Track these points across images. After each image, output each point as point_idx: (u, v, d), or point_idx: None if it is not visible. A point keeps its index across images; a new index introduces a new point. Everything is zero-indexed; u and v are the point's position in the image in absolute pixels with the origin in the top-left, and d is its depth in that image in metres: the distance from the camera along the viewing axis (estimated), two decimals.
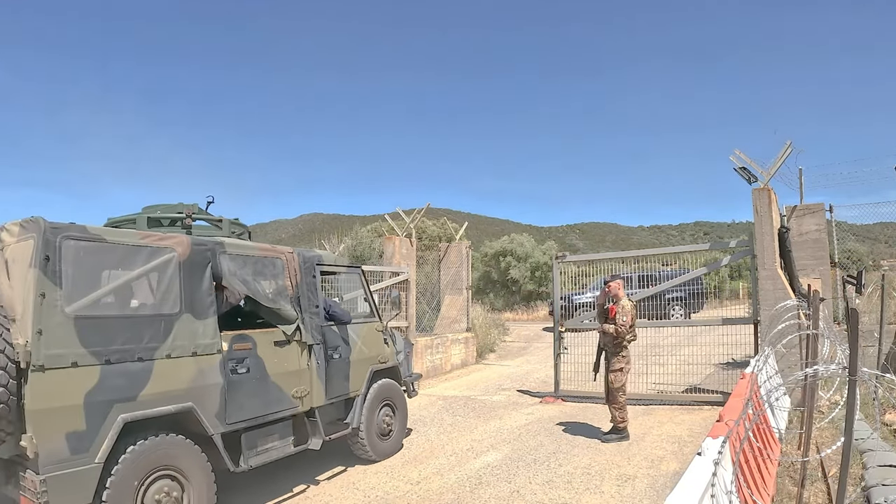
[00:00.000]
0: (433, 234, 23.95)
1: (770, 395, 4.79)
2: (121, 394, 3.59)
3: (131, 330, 3.73)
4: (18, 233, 3.56)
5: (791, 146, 7.93)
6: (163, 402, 3.79)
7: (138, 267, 3.88)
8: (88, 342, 3.47)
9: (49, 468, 3.21)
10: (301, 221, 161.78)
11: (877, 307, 8.08)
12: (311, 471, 5.59)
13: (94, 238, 3.67)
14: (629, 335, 6.07)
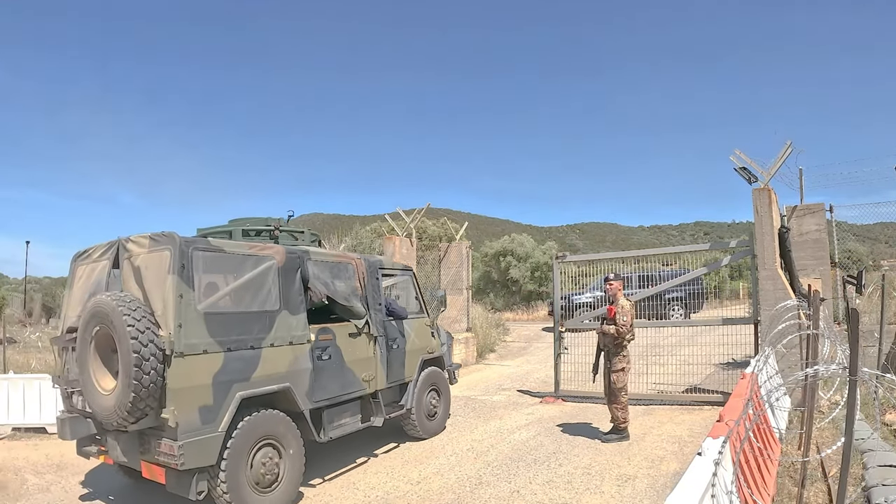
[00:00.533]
0: (433, 234, 23.94)
1: (770, 395, 4.79)
2: (238, 375, 4.31)
3: (245, 324, 4.47)
4: (150, 245, 4.25)
5: (791, 146, 7.93)
6: (268, 383, 4.54)
7: (248, 272, 4.63)
8: (215, 333, 4.20)
9: (185, 436, 3.91)
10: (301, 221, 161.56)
11: (877, 307, 8.07)
12: (311, 470, 5.60)
13: (216, 249, 4.43)
14: (629, 335, 6.08)
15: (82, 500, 5.17)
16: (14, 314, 32.96)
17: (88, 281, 4.82)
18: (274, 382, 4.58)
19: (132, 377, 3.72)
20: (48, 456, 6.39)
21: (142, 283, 4.24)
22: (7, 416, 7.41)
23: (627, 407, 6.19)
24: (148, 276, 4.21)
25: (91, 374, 4.17)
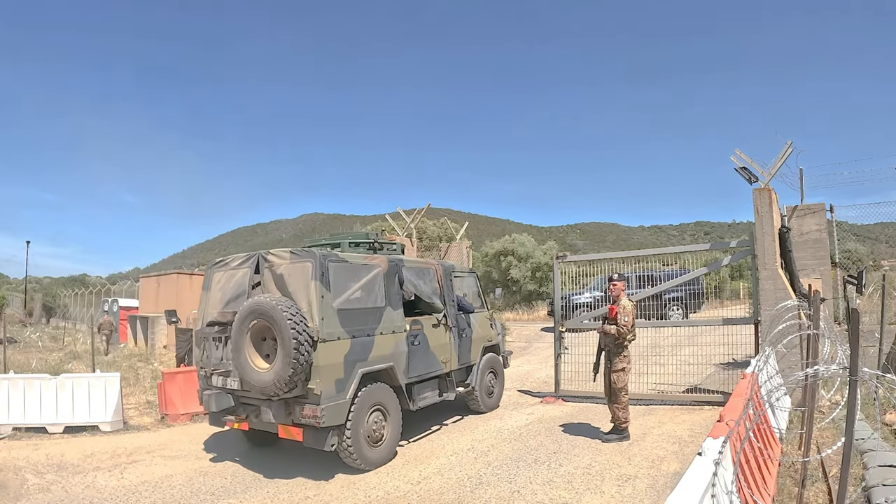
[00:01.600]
0: (434, 234, 23.92)
1: (771, 395, 4.79)
2: (360, 356, 5.60)
3: (363, 317, 5.77)
4: (291, 258, 5.53)
5: (792, 146, 7.92)
6: (379, 362, 5.82)
7: (364, 277, 5.92)
8: (345, 325, 5.50)
9: (325, 402, 5.14)
10: (301, 221, 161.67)
11: (877, 307, 8.07)
12: (312, 470, 5.60)
13: (342, 261, 5.73)
14: (630, 335, 6.08)
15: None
16: (14, 314, 32.99)
17: (228, 285, 6.00)
18: (382, 362, 5.86)
19: (291, 357, 4.95)
20: (48, 456, 6.39)
21: (284, 287, 5.48)
22: (7, 416, 7.40)
23: (628, 407, 6.19)
24: (292, 281, 5.45)
25: (247, 357, 5.32)
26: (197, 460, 6.17)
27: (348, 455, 5.41)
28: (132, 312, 19.91)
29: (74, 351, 16.28)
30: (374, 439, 5.62)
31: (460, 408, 7.89)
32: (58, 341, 20.15)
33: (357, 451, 5.39)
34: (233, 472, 5.72)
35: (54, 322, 32.58)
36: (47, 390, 7.47)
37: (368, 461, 5.51)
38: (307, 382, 5.12)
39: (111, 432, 7.48)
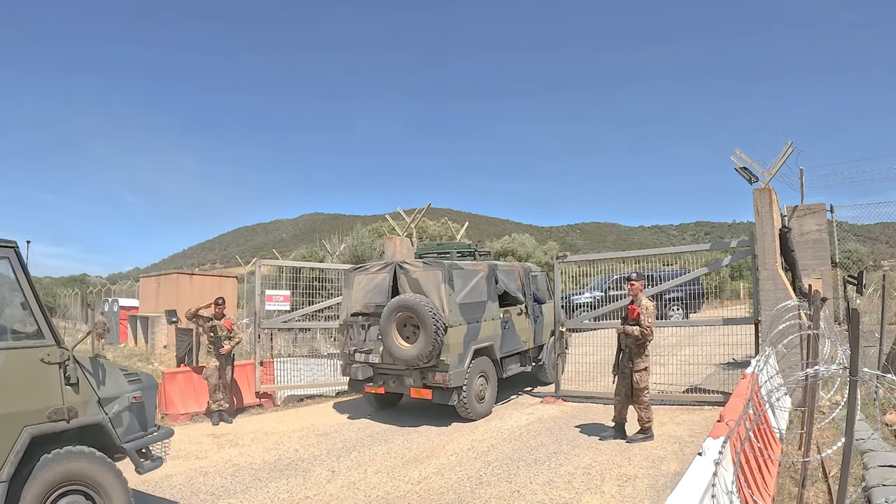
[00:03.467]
0: (434, 234, 23.92)
1: (771, 395, 4.79)
2: (473, 337, 7.52)
3: (474, 309, 7.70)
4: (424, 267, 7.52)
5: (792, 146, 7.92)
6: (484, 341, 7.74)
7: (473, 279, 7.86)
8: (464, 315, 7.44)
9: (452, 370, 7.05)
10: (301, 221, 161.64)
11: (878, 307, 8.06)
12: (311, 470, 5.60)
13: (460, 267, 7.76)
14: (650, 335, 6.06)
15: None
16: None
17: (369, 285, 7.91)
18: (486, 341, 7.76)
19: (431, 338, 6.85)
20: None
21: (419, 288, 7.38)
22: None
23: (650, 406, 6.17)
24: (425, 284, 7.37)
25: (394, 339, 7.15)
26: (197, 460, 6.17)
27: (463, 408, 7.27)
28: (132, 312, 19.92)
29: None
30: (479, 397, 7.54)
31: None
32: None
33: (470, 405, 7.30)
34: (232, 471, 5.72)
35: (54, 322, 32.53)
36: None
37: (477, 413, 7.43)
38: (439, 356, 7.00)
39: None
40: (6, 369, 3.33)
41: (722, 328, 8.02)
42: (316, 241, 24.31)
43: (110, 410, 3.84)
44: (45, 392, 3.49)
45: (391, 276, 7.67)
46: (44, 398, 3.47)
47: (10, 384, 3.33)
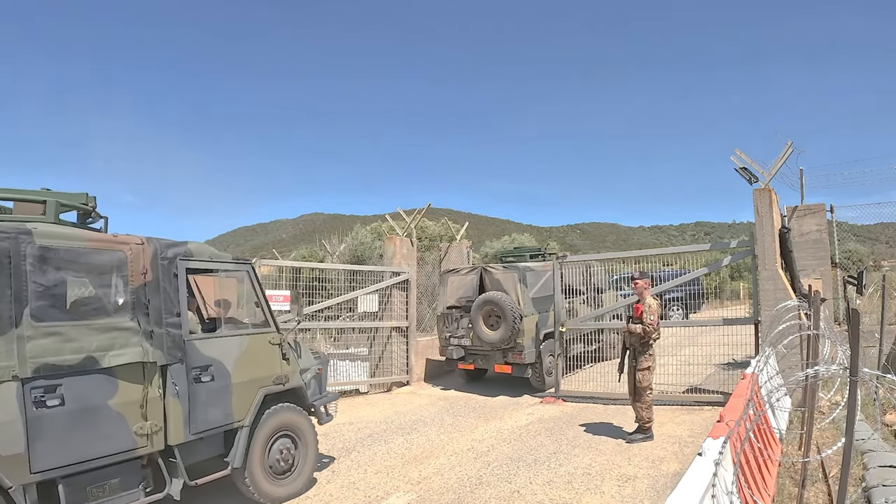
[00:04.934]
0: (434, 234, 23.91)
1: (771, 395, 4.79)
2: (542, 324, 9.22)
3: (543, 302, 9.31)
4: (503, 269, 9.43)
5: (792, 146, 7.91)
6: (550, 327, 9.18)
7: (542, 277, 9.61)
8: (535, 307, 9.23)
9: (527, 350, 8.88)
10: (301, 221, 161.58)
11: (878, 308, 8.06)
12: None
13: (531, 269, 9.55)
14: (655, 334, 6.05)
15: None
16: None
17: (460, 284, 10.05)
18: (552, 327, 9.13)
19: (511, 326, 8.68)
20: None
21: (500, 286, 9.21)
22: None
23: (652, 406, 6.15)
24: (505, 283, 9.18)
25: (481, 327, 9.08)
26: None
27: (536, 380, 9.13)
28: None
29: None
30: (548, 372, 9.15)
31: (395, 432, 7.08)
32: None
33: (541, 378, 9.09)
34: None
35: None
36: None
37: (546, 385, 9.06)
38: (517, 339, 8.76)
39: None
40: (249, 348, 4.60)
41: (722, 328, 8.02)
42: (316, 241, 24.30)
43: (305, 378, 5.16)
44: (271, 364, 4.78)
45: (478, 277, 9.73)
46: (270, 368, 4.76)
47: (252, 358, 4.60)
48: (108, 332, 3.66)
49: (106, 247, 3.79)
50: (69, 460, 3.39)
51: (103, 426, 3.56)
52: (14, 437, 3.15)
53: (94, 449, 3.51)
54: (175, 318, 4.05)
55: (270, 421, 4.68)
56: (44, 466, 3.28)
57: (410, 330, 10.54)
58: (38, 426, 3.26)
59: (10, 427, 3.14)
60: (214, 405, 4.24)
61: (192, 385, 4.09)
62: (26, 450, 3.20)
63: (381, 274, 10.41)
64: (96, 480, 3.55)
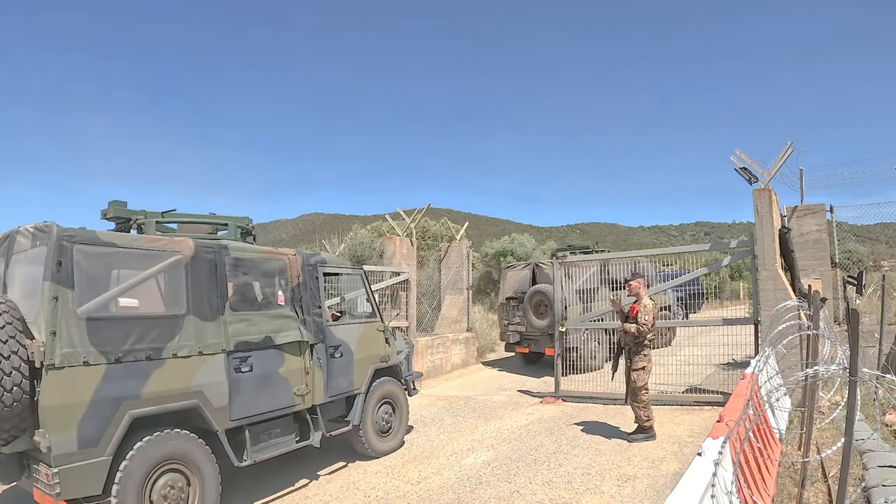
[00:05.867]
0: (434, 234, 23.90)
1: (770, 395, 4.78)
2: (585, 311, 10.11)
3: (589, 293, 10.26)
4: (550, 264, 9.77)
5: (792, 146, 7.91)
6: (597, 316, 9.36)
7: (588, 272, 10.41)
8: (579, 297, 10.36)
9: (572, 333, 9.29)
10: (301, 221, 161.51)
11: (877, 308, 8.06)
12: (311, 469, 5.59)
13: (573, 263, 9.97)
14: (650, 334, 6.04)
15: None
16: None
17: (516, 278, 11.28)
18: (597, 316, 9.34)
19: (558, 314, 8.76)
20: None
21: (547, 279, 10.18)
22: None
23: (649, 406, 6.13)
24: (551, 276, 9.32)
25: (531, 315, 10.34)
26: None
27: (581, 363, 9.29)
28: None
29: None
30: (592, 356, 9.98)
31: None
32: None
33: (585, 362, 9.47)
34: (234, 471, 5.71)
35: None
36: None
37: (589, 367, 9.51)
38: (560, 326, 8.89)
39: None
40: (364, 333, 5.88)
41: (721, 328, 8.02)
42: (316, 241, 24.29)
43: (399, 358, 6.37)
44: (378, 346, 6.06)
45: (531, 272, 10.99)
46: (378, 349, 6.04)
47: (366, 341, 5.89)
48: (277, 319, 4.88)
49: (272, 257, 5.07)
50: (254, 412, 4.56)
51: (275, 388, 4.75)
52: (222, 394, 4.30)
53: (269, 404, 4.68)
54: (318, 309, 5.30)
55: (378, 390, 5.97)
56: (238, 416, 4.42)
57: (410, 330, 10.54)
58: (237, 386, 4.41)
59: (220, 386, 4.29)
60: (343, 376, 5.53)
61: (329, 360, 5.35)
62: (229, 403, 4.34)
63: (380, 274, 10.40)
64: (267, 429, 4.73)
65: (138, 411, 3.79)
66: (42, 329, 3.46)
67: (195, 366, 4.16)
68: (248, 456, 4.51)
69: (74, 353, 3.53)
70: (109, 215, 4.88)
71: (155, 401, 3.90)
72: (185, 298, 4.20)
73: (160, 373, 3.95)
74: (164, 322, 4.05)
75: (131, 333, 3.84)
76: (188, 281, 4.23)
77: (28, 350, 3.41)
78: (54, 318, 3.48)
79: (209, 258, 4.41)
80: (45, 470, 3.47)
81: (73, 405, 3.52)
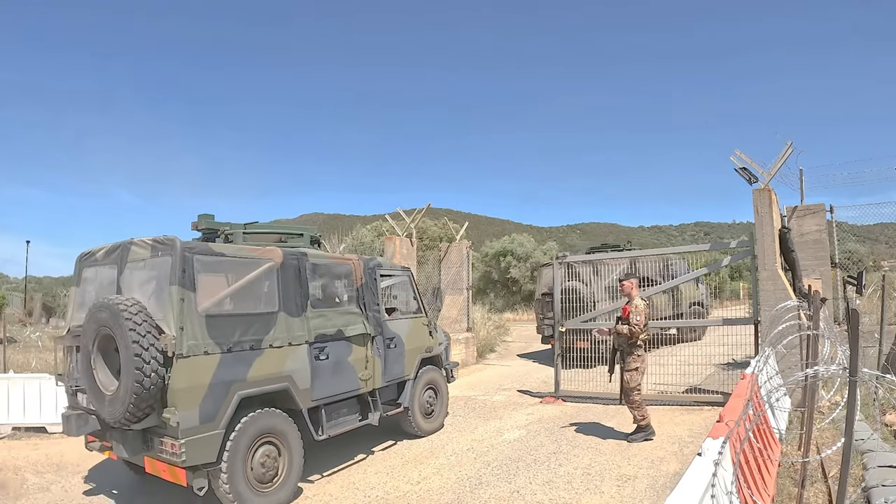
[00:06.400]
0: (434, 234, 23.89)
1: (770, 395, 4.79)
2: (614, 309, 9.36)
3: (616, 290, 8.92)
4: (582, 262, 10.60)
5: (792, 146, 7.90)
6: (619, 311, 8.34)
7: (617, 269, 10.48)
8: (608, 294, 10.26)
9: None
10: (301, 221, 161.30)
11: (877, 308, 8.05)
12: (311, 468, 5.59)
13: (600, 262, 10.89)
14: (643, 334, 6.05)
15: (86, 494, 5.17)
16: (14, 313, 32.90)
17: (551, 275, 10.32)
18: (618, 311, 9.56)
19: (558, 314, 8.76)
20: (48, 455, 6.39)
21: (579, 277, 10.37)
22: (7, 415, 7.40)
23: (643, 405, 6.14)
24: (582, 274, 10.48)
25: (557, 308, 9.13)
26: None
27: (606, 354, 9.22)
28: None
29: None
30: None
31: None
32: None
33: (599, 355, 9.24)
34: None
35: (54, 322, 32.52)
36: (47, 390, 7.46)
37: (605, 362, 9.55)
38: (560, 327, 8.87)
39: None
40: (413, 327, 6.68)
41: (722, 328, 8.02)
42: None
43: (440, 349, 7.19)
44: (424, 338, 6.90)
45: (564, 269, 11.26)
46: (424, 341, 6.89)
47: (414, 334, 6.69)
48: (346, 314, 5.67)
49: (341, 262, 5.92)
50: (329, 394, 5.32)
51: (345, 373, 5.53)
52: (306, 378, 5.04)
53: (340, 387, 5.46)
54: (377, 306, 6.08)
55: (424, 377, 6.78)
56: (318, 397, 5.18)
57: None
58: (316, 372, 5.15)
59: (304, 371, 5.03)
60: (397, 364, 6.31)
61: (386, 350, 6.11)
62: (311, 386, 5.09)
63: None
64: (338, 409, 5.51)
65: (244, 392, 4.49)
66: (171, 325, 4.10)
67: (286, 354, 4.89)
68: (323, 431, 5.24)
69: (197, 345, 4.21)
70: (200, 227, 5.48)
71: (257, 383, 4.61)
72: (277, 298, 4.92)
73: (260, 360, 4.65)
74: (262, 318, 4.78)
75: (238, 328, 4.56)
76: (279, 283, 4.96)
77: (161, 343, 4.04)
78: (181, 316, 4.13)
79: (294, 264, 5.15)
80: (170, 442, 4.10)
81: (196, 387, 4.18)
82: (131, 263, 4.57)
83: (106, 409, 4.16)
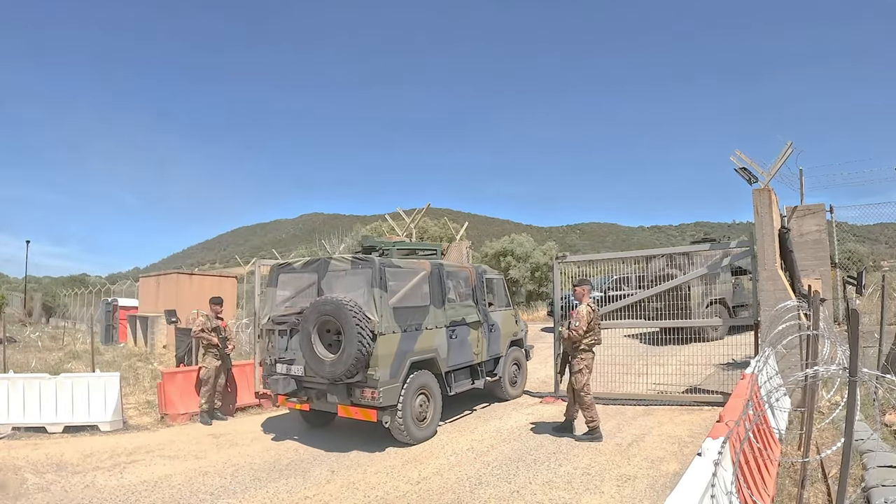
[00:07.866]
0: (434, 234, 23.90)
1: (770, 395, 4.78)
2: None
3: None
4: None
5: (792, 147, 7.91)
6: None
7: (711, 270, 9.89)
8: None
9: None
10: (301, 221, 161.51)
11: (877, 308, 8.06)
12: (311, 469, 5.59)
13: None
14: (586, 339, 6.27)
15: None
16: (14, 313, 32.91)
17: None
18: None
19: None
20: (48, 455, 6.38)
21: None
22: (7, 415, 7.39)
23: (593, 406, 6.29)
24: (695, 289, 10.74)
25: None
26: (196, 460, 6.17)
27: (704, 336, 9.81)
28: (132, 312, 19.89)
29: (74, 350, 16.27)
30: None
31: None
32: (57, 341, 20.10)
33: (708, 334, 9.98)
34: (232, 471, 5.72)
35: (54, 322, 32.52)
36: (47, 390, 7.46)
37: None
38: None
39: (111, 432, 7.47)
40: (505, 317, 8.64)
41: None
42: (315, 241, 24.29)
43: (522, 334, 9.15)
44: (512, 325, 8.87)
45: None
46: (512, 329, 8.86)
47: (506, 322, 8.66)
48: (466, 307, 7.70)
49: (461, 269, 7.97)
50: (457, 363, 7.33)
51: (466, 348, 7.54)
52: (444, 350, 7.06)
53: (463, 358, 7.47)
54: (484, 301, 8.11)
55: (511, 355, 8.73)
56: (450, 364, 7.18)
57: None
58: (450, 347, 7.17)
59: (444, 346, 7.05)
60: (496, 343, 8.34)
61: (489, 332, 8.13)
62: (447, 356, 7.10)
63: None
64: (460, 375, 7.47)
65: (413, 358, 6.49)
66: (374, 314, 6.10)
67: (434, 334, 6.91)
68: (451, 390, 7.14)
69: (389, 327, 6.23)
70: (365, 245, 7.59)
71: (419, 353, 6.61)
72: (429, 295, 6.98)
73: (421, 338, 6.68)
74: (421, 309, 6.82)
75: (410, 316, 6.59)
76: (430, 285, 7.02)
77: (370, 325, 5.99)
78: (380, 308, 6.15)
79: (437, 271, 7.20)
80: (370, 391, 6.01)
81: (389, 355, 6.18)
82: (331, 272, 6.64)
83: (327, 370, 6.01)
